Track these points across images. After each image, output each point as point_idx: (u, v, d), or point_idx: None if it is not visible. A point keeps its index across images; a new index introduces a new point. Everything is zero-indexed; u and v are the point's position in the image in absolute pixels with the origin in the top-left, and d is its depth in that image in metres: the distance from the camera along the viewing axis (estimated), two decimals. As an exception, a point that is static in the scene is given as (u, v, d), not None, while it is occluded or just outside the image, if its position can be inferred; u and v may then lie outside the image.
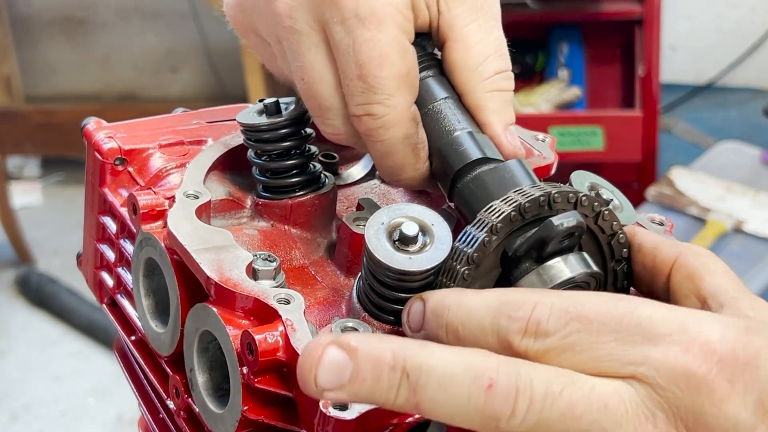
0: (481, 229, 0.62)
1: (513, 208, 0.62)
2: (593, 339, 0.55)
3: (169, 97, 4.48)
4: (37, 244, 4.05)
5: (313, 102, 0.70)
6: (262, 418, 0.63)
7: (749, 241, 2.76)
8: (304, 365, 0.55)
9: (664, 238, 0.66)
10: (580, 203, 0.63)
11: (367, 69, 0.67)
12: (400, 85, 0.68)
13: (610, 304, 0.56)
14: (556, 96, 3.37)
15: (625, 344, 0.55)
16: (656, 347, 0.54)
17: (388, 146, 0.69)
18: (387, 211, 0.64)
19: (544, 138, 0.84)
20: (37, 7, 4.43)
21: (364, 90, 0.67)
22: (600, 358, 0.55)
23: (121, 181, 0.79)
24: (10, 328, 3.67)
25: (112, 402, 3.27)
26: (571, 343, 0.55)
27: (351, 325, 0.63)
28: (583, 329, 0.55)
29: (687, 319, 0.56)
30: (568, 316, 0.55)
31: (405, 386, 0.54)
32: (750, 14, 4.11)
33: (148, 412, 0.79)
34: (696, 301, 0.62)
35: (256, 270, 0.66)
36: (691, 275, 0.63)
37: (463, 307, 0.58)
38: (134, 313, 0.78)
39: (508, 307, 0.56)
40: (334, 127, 0.70)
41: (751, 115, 3.94)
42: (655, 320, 0.55)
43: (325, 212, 0.76)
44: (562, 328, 0.55)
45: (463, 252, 0.62)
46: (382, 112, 0.67)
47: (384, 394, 0.55)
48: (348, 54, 0.67)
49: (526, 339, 0.55)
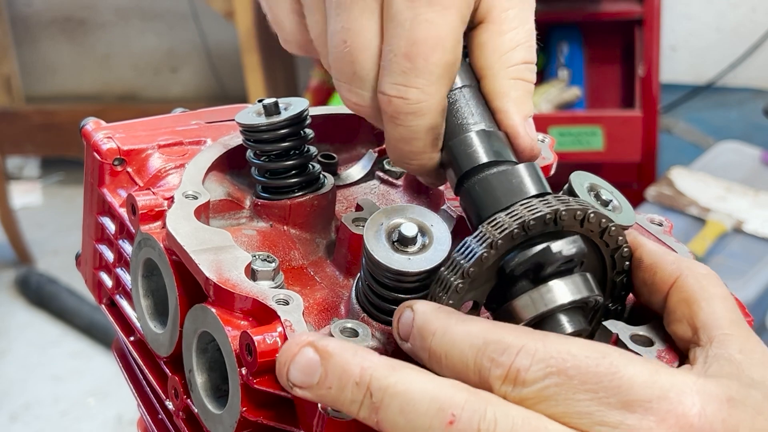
0: (482, 243, 0.61)
1: (517, 226, 0.61)
2: (570, 395, 0.54)
3: (169, 98, 4.48)
4: (37, 244, 4.05)
5: (347, 68, 0.65)
6: (260, 418, 0.63)
7: (749, 241, 2.76)
8: (280, 358, 0.58)
9: (666, 253, 0.65)
10: (587, 220, 0.63)
11: (419, 49, 0.63)
12: (444, 74, 0.64)
13: (593, 360, 0.55)
14: (556, 96, 3.36)
15: (601, 405, 0.54)
16: (632, 414, 0.54)
17: (412, 133, 0.65)
18: (386, 211, 0.64)
19: (544, 138, 0.84)
20: (37, 7, 4.43)
21: (407, 70, 0.63)
22: (574, 414, 0.54)
23: (120, 181, 0.79)
24: (10, 328, 3.67)
25: (112, 402, 3.27)
26: (548, 395, 0.55)
27: (350, 326, 0.63)
28: (561, 384, 0.55)
29: (669, 385, 0.55)
30: (549, 368, 0.55)
31: (367, 404, 0.56)
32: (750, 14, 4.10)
33: (147, 412, 0.79)
34: (688, 328, 0.61)
35: (255, 271, 0.66)
36: (688, 300, 0.62)
37: (448, 337, 0.58)
38: (133, 314, 0.78)
39: (492, 348, 0.56)
40: (360, 97, 0.66)
41: (751, 115, 3.94)
42: (635, 383, 0.54)
43: (324, 213, 0.75)
44: (540, 380, 0.55)
45: (459, 265, 0.61)
46: (418, 98, 0.64)
47: (347, 405, 0.56)
48: (403, 28, 0.63)
49: (505, 385, 0.55)
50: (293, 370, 0.57)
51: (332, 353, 0.57)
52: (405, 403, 0.55)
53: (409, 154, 0.66)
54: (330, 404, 0.57)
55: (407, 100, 0.64)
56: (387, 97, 0.64)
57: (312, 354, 0.57)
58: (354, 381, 0.56)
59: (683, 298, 0.62)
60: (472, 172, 0.66)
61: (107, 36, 4.49)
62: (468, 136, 0.66)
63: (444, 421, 0.54)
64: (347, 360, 0.56)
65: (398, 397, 0.55)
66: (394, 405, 0.55)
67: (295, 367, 0.57)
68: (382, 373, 0.56)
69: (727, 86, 4.17)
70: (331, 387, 0.56)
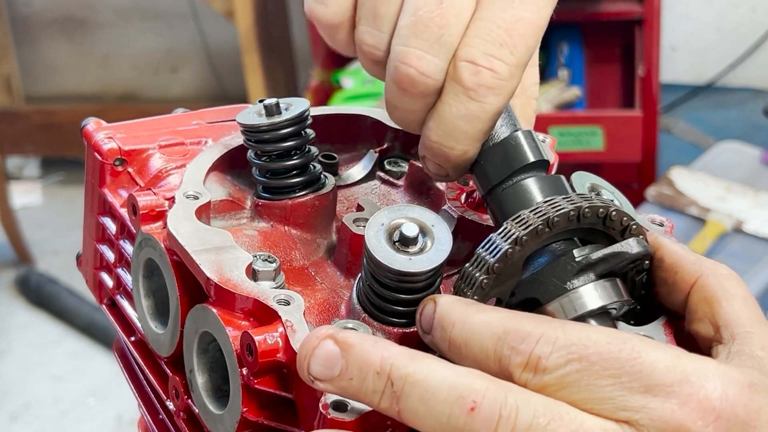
0: (507, 239, 0.62)
1: (542, 222, 0.61)
2: (592, 381, 0.54)
3: (169, 98, 4.48)
4: (37, 244, 4.05)
5: (433, 32, 0.62)
6: (261, 419, 0.63)
7: (749, 241, 2.76)
8: (300, 352, 0.58)
9: (687, 253, 0.65)
10: (609, 218, 0.63)
11: (522, 28, 0.62)
12: (526, 63, 0.63)
13: (615, 345, 0.55)
14: (556, 96, 3.36)
15: (623, 390, 0.54)
16: (655, 397, 0.54)
17: (482, 111, 0.62)
18: (387, 212, 0.64)
19: (545, 138, 0.83)
20: (37, 7, 4.43)
21: (503, 44, 0.61)
22: (596, 400, 0.54)
23: (120, 181, 0.79)
24: (10, 328, 3.67)
25: (112, 402, 3.27)
26: (569, 382, 0.55)
27: (351, 326, 0.63)
28: (583, 370, 0.55)
29: (691, 370, 0.55)
30: (570, 355, 0.55)
31: (388, 393, 0.56)
32: (750, 14, 4.10)
33: (147, 412, 0.79)
34: (710, 326, 0.61)
35: (256, 271, 0.66)
36: (709, 299, 0.62)
37: (468, 326, 0.58)
38: (134, 314, 0.78)
39: (512, 336, 0.56)
40: (433, 66, 0.62)
41: (751, 115, 3.94)
42: (657, 368, 0.54)
43: (325, 213, 0.75)
44: (561, 367, 0.55)
45: (484, 261, 0.62)
46: (506, 75, 0.62)
47: (368, 396, 0.56)
48: (512, 5, 0.62)
49: (526, 373, 0.55)
50: (314, 363, 0.57)
51: (352, 344, 0.57)
52: (425, 391, 0.55)
53: (463, 135, 0.63)
54: (351, 396, 0.57)
55: (496, 73, 0.62)
56: (475, 67, 0.61)
57: (332, 346, 0.57)
58: (375, 371, 0.56)
59: (705, 298, 0.62)
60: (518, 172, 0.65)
61: (107, 36, 4.48)
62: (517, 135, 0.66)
63: (465, 409, 0.54)
64: (368, 350, 0.56)
65: (418, 385, 0.55)
66: (415, 393, 0.55)
67: (315, 360, 0.57)
68: (402, 362, 0.56)
69: (727, 86, 4.17)
70: (352, 378, 0.56)
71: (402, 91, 0.63)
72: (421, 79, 0.62)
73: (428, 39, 0.62)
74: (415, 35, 0.62)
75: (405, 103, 0.64)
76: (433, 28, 0.62)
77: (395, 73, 0.63)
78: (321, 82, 3.44)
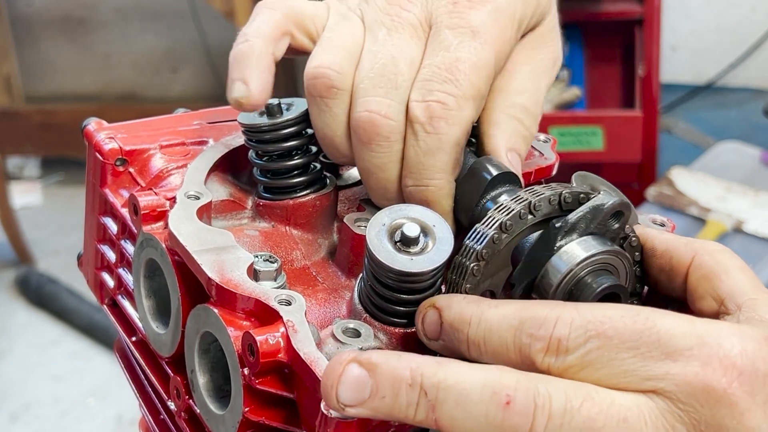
0: (491, 226, 0.62)
1: (523, 207, 0.62)
2: (613, 356, 0.55)
3: (170, 97, 4.48)
4: (37, 244, 4.05)
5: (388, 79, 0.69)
6: (263, 419, 0.63)
7: (749, 241, 2.76)
8: (326, 382, 0.57)
9: (677, 238, 0.66)
10: None
11: (461, 66, 0.68)
12: (476, 97, 0.68)
13: (629, 318, 0.56)
14: (556, 96, 3.37)
15: (644, 360, 0.55)
16: (676, 362, 0.55)
17: (440, 143, 0.67)
18: (388, 212, 0.64)
19: (546, 139, 0.84)
20: (37, 7, 4.43)
21: (446, 80, 0.67)
22: (620, 374, 0.55)
23: (121, 181, 0.79)
24: (10, 328, 3.67)
25: (112, 402, 3.27)
26: (591, 360, 0.56)
27: (352, 326, 0.63)
28: (602, 346, 0.55)
29: (707, 332, 0.56)
30: (588, 333, 0.56)
31: (423, 403, 0.56)
32: (750, 14, 4.11)
33: (149, 413, 0.79)
34: (713, 302, 0.62)
35: (257, 271, 0.66)
36: (708, 275, 0.63)
37: (484, 323, 0.59)
38: (135, 314, 0.78)
39: (529, 324, 0.57)
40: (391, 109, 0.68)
41: (751, 115, 3.95)
42: (674, 335, 0.55)
43: (327, 213, 0.75)
44: (582, 345, 0.56)
45: (472, 249, 0.62)
46: (455, 106, 0.67)
47: (403, 410, 0.56)
48: (448, 50, 0.68)
49: (548, 357, 0.56)
50: (342, 390, 0.56)
51: (378, 363, 0.57)
52: (459, 395, 0.55)
53: (432, 170, 0.68)
54: (385, 415, 0.57)
55: (445, 105, 0.67)
56: (424, 104, 0.67)
57: (358, 369, 0.57)
58: (407, 384, 0.56)
59: (703, 275, 0.63)
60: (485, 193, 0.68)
61: (107, 36, 4.48)
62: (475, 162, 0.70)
63: (500, 404, 0.54)
64: (395, 365, 0.56)
65: (452, 389, 0.55)
66: (450, 398, 0.55)
67: (344, 386, 0.56)
68: (431, 370, 0.56)
69: (727, 86, 4.18)
70: (384, 396, 0.56)
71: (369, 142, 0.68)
72: (383, 121, 0.68)
73: (384, 87, 0.68)
74: (373, 86, 0.69)
75: (374, 158, 0.69)
76: (387, 76, 0.68)
77: (359, 119, 0.68)
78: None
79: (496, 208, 0.64)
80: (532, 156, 0.81)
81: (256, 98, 0.71)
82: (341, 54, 0.70)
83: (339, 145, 0.71)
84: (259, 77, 0.71)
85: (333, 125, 0.70)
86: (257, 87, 0.71)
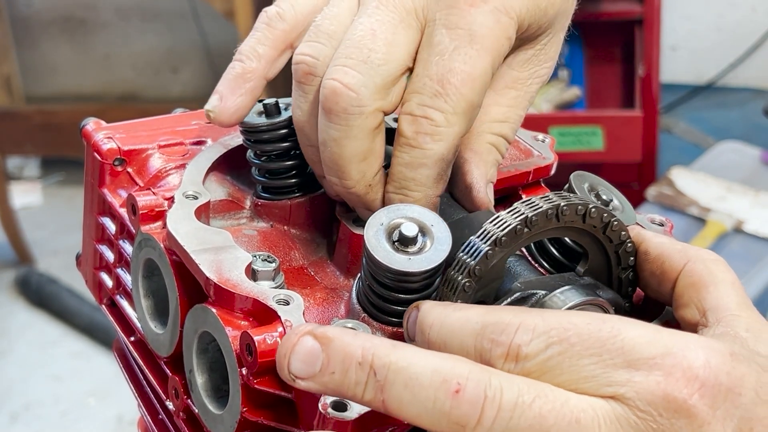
0: (486, 241, 0.62)
1: (519, 221, 0.61)
2: (574, 362, 0.55)
3: (170, 98, 4.48)
4: (37, 244, 4.05)
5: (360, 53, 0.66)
6: (261, 419, 0.63)
7: (749, 241, 2.76)
8: (279, 351, 0.57)
9: (672, 243, 0.66)
10: (589, 215, 0.63)
11: (453, 78, 0.65)
12: (467, 111, 0.66)
13: (595, 326, 0.55)
14: (556, 96, 3.37)
15: (606, 367, 0.54)
16: (638, 371, 0.54)
17: (423, 157, 0.66)
18: (386, 211, 0.64)
19: (544, 138, 0.84)
20: (37, 7, 4.43)
21: (437, 94, 0.65)
22: (580, 380, 0.55)
23: (120, 181, 0.79)
24: (10, 328, 3.67)
25: (112, 402, 3.27)
26: (551, 366, 0.55)
27: (350, 326, 0.63)
28: (564, 352, 0.55)
29: (672, 343, 0.55)
30: (551, 339, 0.55)
31: (372, 383, 0.55)
32: (750, 14, 4.11)
33: (147, 412, 0.79)
34: (696, 311, 0.62)
35: (256, 271, 0.66)
36: (696, 284, 0.62)
37: (446, 327, 0.58)
38: (133, 314, 0.78)
39: (491, 329, 0.56)
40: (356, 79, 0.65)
41: (751, 115, 3.95)
42: (639, 343, 0.55)
43: (325, 213, 0.75)
44: (542, 352, 0.55)
45: (465, 263, 0.62)
46: (442, 122, 0.65)
47: (352, 388, 0.56)
48: (441, 57, 0.66)
49: (507, 363, 0.55)
50: (294, 360, 0.57)
51: (332, 338, 0.56)
52: (409, 378, 0.55)
53: (413, 183, 0.67)
54: (334, 391, 0.57)
55: (432, 120, 0.66)
56: (412, 118, 0.66)
57: (312, 342, 0.57)
58: (357, 362, 0.56)
59: (691, 283, 0.62)
60: None
61: (107, 36, 4.48)
62: None
63: (449, 391, 0.54)
64: (348, 342, 0.56)
65: (402, 372, 0.55)
66: (399, 380, 0.55)
67: (296, 357, 0.56)
68: (383, 351, 0.56)
69: (727, 86, 4.18)
70: (334, 372, 0.56)
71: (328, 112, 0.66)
72: (343, 91, 0.65)
73: (356, 58, 0.66)
74: (345, 56, 0.66)
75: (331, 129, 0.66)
76: (362, 49, 0.66)
77: (323, 88, 0.66)
78: (321, 82, 3.43)
79: (492, 221, 0.63)
80: (531, 155, 0.81)
81: (225, 117, 0.71)
82: (322, 39, 0.68)
83: (307, 130, 0.69)
84: (236, 98, 0.71)
85: (305, 108, 0.69)
86: (230, 107, 0.71)
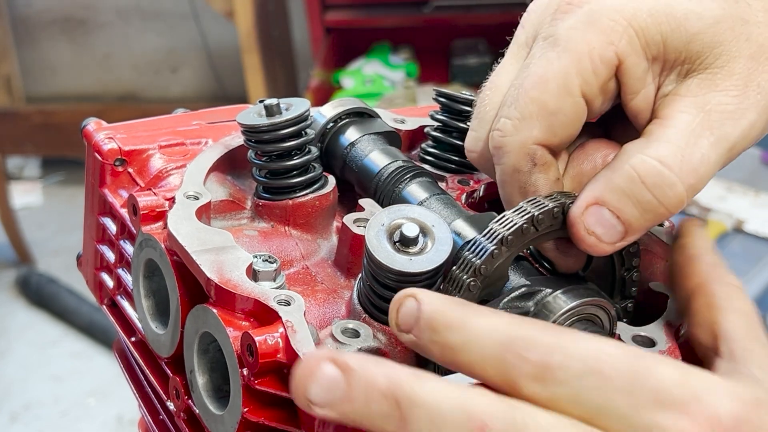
0: (492, 240, 0.61)
1: (525, 221, 0.61)
2: (606, 396, 0.53)
3: (170, 98, 4.48)
4: (37, 244, 4.05)
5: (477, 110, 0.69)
6: (262, 419, 0.63)
7: (749, 241, 2.76)
8: (297, 376, 0.54)
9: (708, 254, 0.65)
10: None
11: (526, 81, 0.64)
12: (536, 115, 0.63)
13: (629, 360, 0.54)
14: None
15: (636, 407, 0.53)
16: (666, 414, 0.53)
17: (502, 173, 0.65)
18: (388, 212, 0.64)
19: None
20: (37, 7, 4.44)
21: (511, 103, 0.64)
22: (609, 417, 0.53)
23: (121, 181, 0.79)
24: (10, 328, 3.68)
25: (112, 402, 3.27)
26: (583, 397, 0.53)
27: (351, 327, 0.63)
28: (599, 386, 0.53)
29: (701, 388, 0.54)
30: (586, 368, 0.53)
31: (395, 416, 0.52)
32: (750, 14, 4.10)
33: (148, 413, 0.79)
34: (709, 335, 0.61)
35: (257, 271, 0.66)
36: (711, 305, 0.62)
37: (467, 331, 0.54)
38: (134, 314, 0.78)
39: (520, 344, 0.53)
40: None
41: (751, 115, 3.94)
42: (669, 385, 0.54)
43: (326, 213, 0.75)
44: (575, 380, 0.53)
45: (470, 262, 0.61)
46: (506, 130, 0.64)
47: (373, 420, 0.53)
48: (529, 63, 0.65)
49: (535, 384, 0.53)
50: (314, 387, 0.53)
51: (354, 367, 0.53)
52: (433, 413, 0.52)
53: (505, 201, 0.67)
54: (354, 421, 0.53)
55: (502, 131, 0.65)
56: (494, 131, 0.66)
57: (333, 369, 0.53)
58: (380, 392, 0.52)
59: (707, 303, 0.62)
60: None
61: (107, 36, 4.49)
62: None
63: (474, 430, 0.52)
64: (372, 371, 0.53)
65: (426, 406, 0.52)
66: (423, 415, 0.52)
67: (316, 383, 0.53)
68: (407, 383, 0.53)
69: (728, 86, 4.16)
70: (356, 401, 0.53)
71: None
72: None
73: (476, 118, 0.69)
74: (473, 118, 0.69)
75: None
76: (479, 107, 0.68)
77: None
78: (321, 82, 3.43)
79: (498, 220, 0.62)
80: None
81: None
82: None
83: None
84: None
85: None
86: None
